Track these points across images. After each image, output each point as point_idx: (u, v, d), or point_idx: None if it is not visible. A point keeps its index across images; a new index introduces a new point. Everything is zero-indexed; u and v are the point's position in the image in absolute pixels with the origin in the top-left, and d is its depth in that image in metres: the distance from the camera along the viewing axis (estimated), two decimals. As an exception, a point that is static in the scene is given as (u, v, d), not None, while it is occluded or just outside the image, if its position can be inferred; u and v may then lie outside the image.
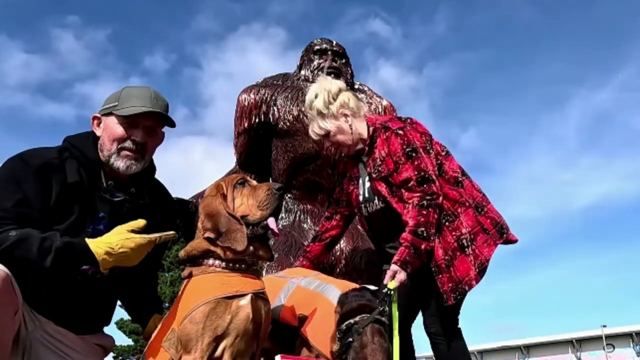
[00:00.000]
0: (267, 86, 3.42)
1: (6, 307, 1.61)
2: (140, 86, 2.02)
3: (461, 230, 2.29)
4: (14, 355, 1.77)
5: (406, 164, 2.30)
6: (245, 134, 3.39)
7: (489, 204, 2.44)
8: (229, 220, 1.78)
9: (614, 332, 32.71)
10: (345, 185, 2.61)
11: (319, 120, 2.46)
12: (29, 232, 1.69)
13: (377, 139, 2.42)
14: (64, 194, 1.83)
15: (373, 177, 2.40)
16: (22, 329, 1.77)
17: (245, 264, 1.81)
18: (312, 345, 1.99)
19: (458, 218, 2.32)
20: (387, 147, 2.38)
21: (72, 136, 1.99)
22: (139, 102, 1.92)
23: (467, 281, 2.23)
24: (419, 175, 2.28)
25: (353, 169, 2.57)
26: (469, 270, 2.24)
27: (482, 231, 2.32)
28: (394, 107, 3.57)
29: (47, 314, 1.85)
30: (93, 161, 1.93)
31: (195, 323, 1.66)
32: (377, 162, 2.40)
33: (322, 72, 3.35)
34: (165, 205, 2.19)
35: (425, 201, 2.24)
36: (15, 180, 1.77)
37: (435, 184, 2.28)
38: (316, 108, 2.46)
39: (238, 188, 1.87)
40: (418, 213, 2.23)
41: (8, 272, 1.61)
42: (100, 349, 2.02)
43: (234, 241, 1.75)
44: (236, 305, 1.71)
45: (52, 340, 1.84)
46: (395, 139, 2.36)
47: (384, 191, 2.36)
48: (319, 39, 3.53)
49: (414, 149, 2.32)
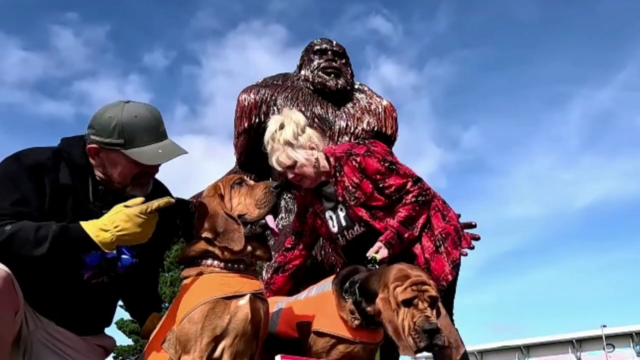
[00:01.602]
0: (267, 86, 3.42)
1: (7, 308, 1.61)
2: (138, 111, 1.84)
3: (434, 233, 2.45)
4: (14, 355, 1.77)
5: (392, 176, 2.42)
6: (245, 134, 3.39)
7: (450, 211, 2.58)
8: (227, 220, 1.79)
9: (614, 332, 32.74)
10: (309, 219, 2.65)
11: (287, 150, 2.48)
12: (25, 223, 1.67)
13: (344, 166, 2.47)
14: (56, 195, 1.80)
15: (350, 205, 2.45)
16: (23, 329, 1.77)
17: (243, 264, 1.82)
18: (328, 332, 1.96)
19: (430, 222, 2.48)
20: (360, 172, 2.44)
21: (67, 138, 1.95)
22: (148, 138, 1.81)
23: (443, 277, 2.37)
24: (411, 177, 2.44)
25: (314, 203, 2.62)
26: (444, 266, 2.39)
27: (448, 235, 2.48)
28: (394, 107, 3.57)
29: (48, 314, 1.85)
30: (80, 165, 1.87)
31: (194, 323, 1.66)
32: (349, 190, 2.45)
33: (322, 72, 3.36)
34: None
35: (421, 197, 2.41)
36: (12, 180, 1.76)
37: (425, 182, 2.46)
38: (284, 138, 2.48)
39: (235, 188, 1.87)
40: (412, 208, 2.40)
41: (9, 271, 1.61)
42: (101, 349, 2.03)
43: (231, 241, 1.75)
44: (235, 305, 1.71)
45: (53, 341, 1.84)
46: (370, 159, 2.43)
47: (365, 216, 2.44)
48: (319, 39, 3.53)
49: (392, 162, 2.45)
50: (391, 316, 1.81)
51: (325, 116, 3.28)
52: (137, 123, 1.81)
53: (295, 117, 2.55)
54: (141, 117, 1.82)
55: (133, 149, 1.79)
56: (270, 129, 2.55)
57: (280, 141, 2.49)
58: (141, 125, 1.81)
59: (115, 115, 1.81)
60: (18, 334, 1.75)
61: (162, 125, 1.88)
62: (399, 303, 1.81)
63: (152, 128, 1.83)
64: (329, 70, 3.35)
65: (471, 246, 2.56)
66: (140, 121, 1.82)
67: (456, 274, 2.44)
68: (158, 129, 1.85)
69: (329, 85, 3.32)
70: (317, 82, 3.34)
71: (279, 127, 2.51)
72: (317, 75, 3.35)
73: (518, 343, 36.62)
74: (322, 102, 3.34)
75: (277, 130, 2.51)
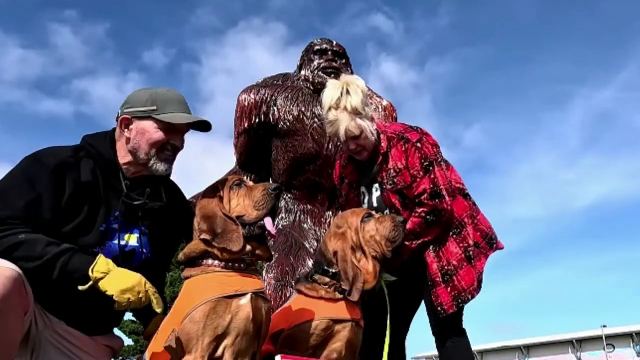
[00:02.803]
0: (267, 86, 3.42)
1: (16, 308, 1.63)
2: (170, 89, 2.03)
3: (468, 242, 2.36)
4: (23, 354, 1.79)
5: (424, 178, 2.31)
6: (245, 134, 3.39)
7: (479, 213, 2.50)
8: (225, 221, 1.79)
9: (614, 332, 32.75)
10: (344, 190, 2.59)
11: (357, 119, 2.31)
12: (38, 237, 1.73)
13: (392, 148, 2.37)
14: (76, 193, 1.86)
15: (387, 188, 2.37)
16: (32, 328, 1.79)
17: (244, 263, 1.82)
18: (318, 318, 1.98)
19: (465, 229, 2.38)
20: (404, 159, 2.33)
21: (90, 135, 2.02)
22: (178, 108, 1.96)
23: (470, 291, 2.31)
24: (433, 189, 2.30)
25: (352, 175, 2.55)
26: (473, 280, 2.32)
27: (475, 245, 2.40)
28: (394, 107, 3.57)
29: (58, 314, 1.87)
30: (109, 161, 1.96)
31: (196, 322, 1.66)
32: (391, 173, 2.36)
33: (322, 72, 3.35)
34: (180, 206, 2.20)
35: (432, 216, 2.30)
36: (30, 180, 1.80)
37: (446, 200, 2.31)
38: (352, 106, 2.31)
39: (234, 189, 1.88)
40: (419, 223, 2.30)
41: (20, 272, 1.63)
42: (109, 350, 2.04)
43: (229, 242, 1.76)
44: (236, 304, 1.71)
45: (62, 341, 1.86)
46: (414, 152, 2.33)
47: (397, 203, 2.37)
48: (319, 38, 3.53)
49: (430, 163, 2.33)
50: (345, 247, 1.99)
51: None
52: (169, 95, 1.99)
53: (360, 84, 2.38)
54: (173, 92, 2.01)
55: (164, 114, 1.93)
56: (331, 94, 2.37)
57: (348, 108, 2.31)
58: (173, 97, 1.98)
59: (149, 90, 2.01)
60: (27, 334, 1.77)
61: (187, 105, 2.02)
62: (358, 228, 1.99)
63: (181, 101, 1.99)
64: (329, 70, 3.35)
65: (501, 246, 2.51)
66: (173, 94, 2.00)
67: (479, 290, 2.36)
68: (186, 105, 2.00)
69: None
70: (317, 82, 3.34)
71: (345, 92, 2.33)
72: (317, 75, 3.35)
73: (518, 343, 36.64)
74: (322, 102, 3.33)
75: (342, 95, 2.33)
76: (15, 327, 1.63)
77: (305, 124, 3.24)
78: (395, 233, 2.07)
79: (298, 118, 3.25)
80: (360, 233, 2.08)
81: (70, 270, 1.73)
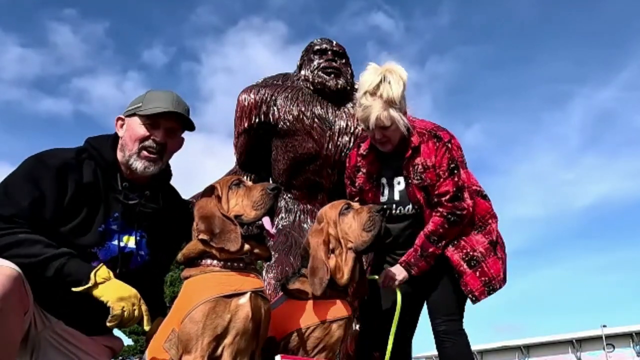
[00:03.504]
0: (267, 86, 3.42)
1: (16, 307, 1.63)
2: (165, 90, 2.07)
3: (492, 236, 2.40)
4: (22, 354, 1.80)
5: (447, 179, 2.31)
6: (245, 134, 3.40)
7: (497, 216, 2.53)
8: (223, 221, 1.79)
9: (614, 332, 32.75)
10: (359, 180, 2.52)
11: (390, 110, 2.25)
12: (38, 238, 1.74)
13: (422, 144, 2.35)
14: (77, 193, 1.88)
15: (413, 183, 2.35)
16: (31, 329, 1.80)
17: (243, 262, 1.82)
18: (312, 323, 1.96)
19: (490, 225, 2.42)
20: (434, 157, 2.32)
21: (93, 137, 2.05)
22: (161, 103, 1.99)
23: (498, 280, 2.34)
24: (455, 191, 2.31)
25: (373, 165, 2.49)
26: (500, 271, 2.35)
27: (501, 238, 2.45)
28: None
29: (58, 314, 1.87)
30: (109, 162, 1.99)
31: (195, 322, 1.66)
32: (418, 168, 2.34)
33: (322, 72, 3.36)
34: (179, 211, 2.21)
35: (453, 216, 2.31)
36: (33, 180, 1.82)
37: (467, 202, 2.33)
38: (389, 96, 2.24)
39: (233, 189, 1.88)
40: (442, 223, 2.31)
41: (20, 271, 1.64)
42: (108, 350, 2.04)
43: (227, 242, 1.76)
44: (235, 304, 1.72)
45: (61, 341, 1.87)
46: (444, 152, 2.31)
47: (421, 199, 2.36)
48: (319, 38, 3.53)
49: (456, 165, 2.33)
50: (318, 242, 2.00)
51: (325, 116, 3.28)
52: (160, 94, 2.04)
53: (403, 75, 2.30)
54: (162, 92, 2.05)
55: (146, 109, 1.98)
56: (371, 78, 2.28)
57: (384, 97, 2.24)
58: (162, 95, 2.03)
59: (142, 94, 2.07)
60: (26, 334, 1.78)
61: (181, 103, 2.03)
62: (336, 221, 2.02)
63: (168, 99, 2.01)
64: (329, 70, 3.35)
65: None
66: (164, 93, 2.04)
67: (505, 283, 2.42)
68: (173, 101, 2.01)
69: (329, 85, 3.32)
70: (317, 82, 3.34)
71: (384, 80, 2.26)
72: (317, 75, 3.35)
73: (518, 343, 36.64)
74: (322, 102, 3.34)
75: (382, 82, 2.25)
76: (15, 326, 1.64)
77: (305, 124, 3.24)
78: (371, 223, 2.02)
79: (298, 118, 3.25)
80: (338, 226, 2.06)
81: (66, 274, 1.73)
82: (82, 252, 1.85)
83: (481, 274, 2.32)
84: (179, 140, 2.11)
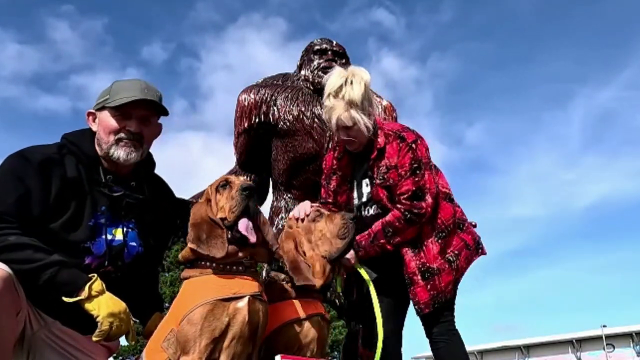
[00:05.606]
0: (267, 86, 3.42)
1: (8, 308, 1.63)
2: (131, 79, 2.05)
3: (451, 248, 2.41)
4: (18, 355, 1.79)
5: (409, 178, 2.33)
6: (245, 134, 3.39)
7: (467, 219, 2.55)
8: (211, 227, 1.78)
9: (614, 332, 32.77)
10: (334, 182, 2.58)
11: (351, 111, 2.31)
12: (30, 240, 1.72)
13: (388, 145, 2.39)
14: (63, 188, 1.86)
15: (377, 183, 2.39)
16: (27, 329, 1.79)
17: (242, 265, 1.81)
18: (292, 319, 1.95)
19: (450, 235, 2.42)
20: (397, 158, 2.35)
21: (69, 133, 2.03)
22: (129, 93, 1.96)
23: (446, 292, 2.35)
24: (415, 190, 2.33)
25: (347, 168, 2.54)
26: (449, 283, 2.37)
27: (466, 247, 2.45)
28: (394, 108, 3.57)
29: (53, 314, 1.86)
30: (90, 156, 1.96)
31: (193, 324, 1.66)
32: (382, 169, 2.38)
33: (322, 72, 3.35)
34: (167, 200, 2.20)
35: (410, 214, 2.32)
36: (17, 177, 1.80)
37: (426, 202, 2.34)
38: (349, 97, 2.31)
39: (220, 191, 1.86)
40: (399, 217, 2.32)
41: (10, 271, 1.62)
42: (105, 349, 2.04)
43: (212, 248, 1.75)
44: (234, 307, 1.71)
45: (57, 341, 1.86)
46: (407, 152, 2.35)
47: (384, 199, 2.38)
48: (319, 39, 3.53)
49: (420, 166, 2.35)
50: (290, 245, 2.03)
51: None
52: (124, 83, 2.00)
53: (365, 77, 2.38)
54: (128, 81, 2.02)
55: (114, 101, 1.95)
56: (334, 81, 2.37)
57: (345, 98, 2.32)
58: (127, 85, 1.99)
59: (108, 86, 2.03)
60: (22, 335, 1.77)
61: (150, 90, 1.99)
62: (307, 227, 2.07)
63: (135, 88, 1.97)
64: (328, 71, 3.34)
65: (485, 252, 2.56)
66: (128, 82, 2.01)
67: (455, 291, 2.42)
68: (141, 89, 1.99)
69: (329, 85, 3.32)
70: (317, 82, 3.33)
71: (346, 83, 2.34)
72: (317, 75, 3.35)
73: (518, 343, 36.65)
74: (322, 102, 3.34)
75: (344, 85, 2.33)
76: (8, 327, 1.63)
77: (305, 124, 3.23)
78: (345, 230, 2.05)
79: (298, 118, 3.25)
80: (312, 233, 2.08)
81: (59, 283, 1.71)
82: (76, 247, 1.85)
83: (432, 288, 2.32)
84: (155, 127, 2.09)
